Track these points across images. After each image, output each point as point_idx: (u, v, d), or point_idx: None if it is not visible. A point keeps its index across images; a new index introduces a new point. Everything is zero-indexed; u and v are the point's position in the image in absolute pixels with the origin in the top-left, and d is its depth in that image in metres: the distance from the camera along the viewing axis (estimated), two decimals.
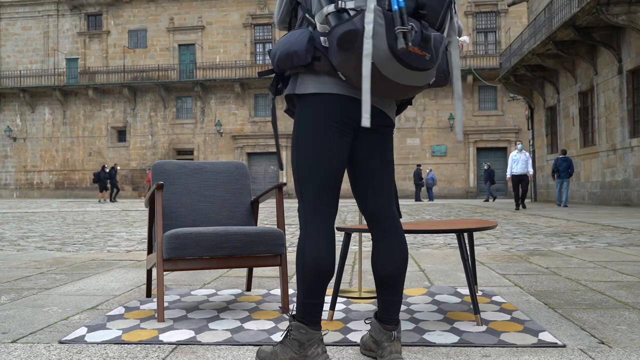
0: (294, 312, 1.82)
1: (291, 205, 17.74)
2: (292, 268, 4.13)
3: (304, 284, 1.75)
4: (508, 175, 14.71)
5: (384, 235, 1.85)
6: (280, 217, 2.79)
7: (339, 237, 5.84)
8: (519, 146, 14.93)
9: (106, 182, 25.79)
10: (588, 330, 2.25)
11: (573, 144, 18.52)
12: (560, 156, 16.17)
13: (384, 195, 1.86)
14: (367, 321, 1.97)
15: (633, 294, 3.02)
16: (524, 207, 14.62)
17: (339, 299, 2.91)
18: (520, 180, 14.56)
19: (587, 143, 17.81)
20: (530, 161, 14.75)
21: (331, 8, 1.62)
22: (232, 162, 3.23)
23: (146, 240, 4.87)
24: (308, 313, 1.76)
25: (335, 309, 2.66)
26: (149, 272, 3.00)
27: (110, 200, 25.52)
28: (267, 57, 33.13)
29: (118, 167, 28.43)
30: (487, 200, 23.62)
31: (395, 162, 30.91)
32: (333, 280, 2.59)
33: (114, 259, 4.82)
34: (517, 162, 14.52)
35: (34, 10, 35.22)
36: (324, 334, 1.79)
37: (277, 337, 2.17)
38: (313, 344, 1.74)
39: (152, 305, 2.81)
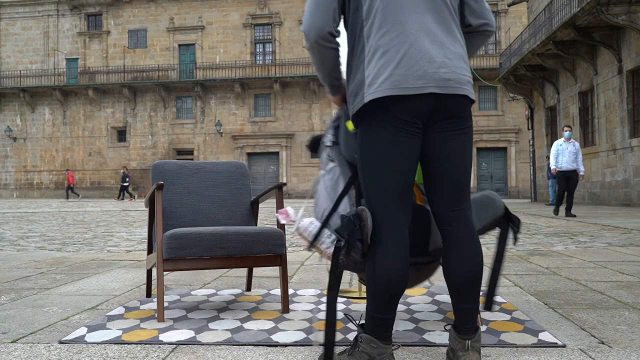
0: (362, 322, 1.75)
1: (291, 205, 17.76)
2: (292, 268, 4.13)
3: (374, 297, 1.66)
4: (552, 166, 10.91)
5: (447, 241, 1.77)
6: None
7: None
8: (567, 133, 11.06)
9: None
10: (588, 330, 2.25)
11: None
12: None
13: (447, 197, 1.76)
14: (446, 327, 1.88)
15: (633, 294, 3.02)
16: (571, 214, 10.54)
17: (339, 299, 2.91)
18: (568, 177, 10.76)
19: (587, 143, 17.81)
20: (580, 154, 10.93)
21: None
22: (232, 162, 3.23)
23: (146, 240, 4.87)
24: (378, 327, 1.68)
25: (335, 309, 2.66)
26: (149, 272, 2.99)
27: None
28: (268, 57, 33.25)
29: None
30: None
31: None
32: None
33: (114, 259, 4.82)
34: (563, 153, 10.85)
35: (34, 10, 35.22)
36: (395, 349, 1.72)
37: (277, 337, 2.17)
38: (385, 358, 1.68)
39: (152, 305, 2.81)
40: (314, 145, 2.04)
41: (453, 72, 1.66)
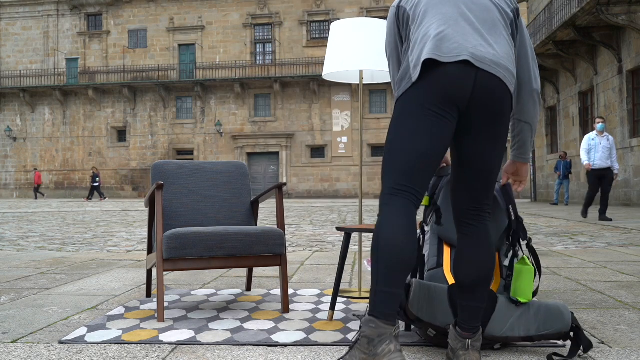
0: (365, 315, 1.73)
1: (291, 205, 17.74)
2: (292, 268, 4.13)
3: (378, 269, 1.60)
4: (585, 162, 9.36)
5: (463, 240, 1.77)
6: (280, 217, 2.79)
7: (339, 236, 5.84)
8: (599, 126, 9.60)
9: None
10: (588, 330, 2.25)
11: (573, 144, 18.52)
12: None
13: (473, 194, 1.75)
14: (447, 327, 1.88)
15: (633, 294, 3.02)
16: (606, 218, 9.22)
17: (339, 299, 2.91)
18: (601, 176, 9.31)
19: None
20: (615, 150, 9.46)
21: None
22: (232, 162, 3.23)
23: (146, 240, 4.87)
24: (380, 303, 1.58)
25: (335, 309, 2.66)
26: (149, 272, 2.99)
27: None
28: (268, 57, 33.27)
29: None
30: None
31: None
32: (333, 280, 2.59)
33: (114, 259, 4.82)
34: (596, 149, 9.37)
35: (34, 10, 35.22)
36: (396, 331, 1.58)
37: (277, 337, 2.17)
38: (384, 340, 1.54)
39: (152, 305, 2.81)
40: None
41: (492, 54, 1.63)
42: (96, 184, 27.81)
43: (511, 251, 2.06)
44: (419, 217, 2.77)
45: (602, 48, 15.81)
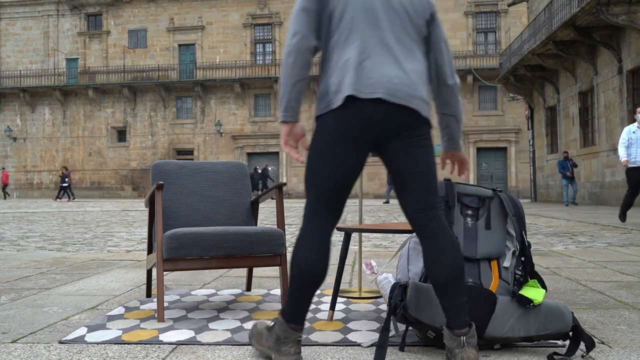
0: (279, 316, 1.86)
1: (291, 205, 17.75)
2: None
3: (292, 286, 1.78)
4: (623, 158, 8.25)
5: (426, 242, 1.82)
6: (280, 217, 2.79)
7: (339, 236, 5.84)
8: None
9: (259, 182, 26.89)
10: (588, 330, 2.25)
11: (573, 144, 18.52)
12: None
13: (417, 200, 1.83)
14: (441, 328, 1.91)
15: (633, 294, 3.02)
16: (623, 217, 8.52)
17: (339, 299, 2.91)
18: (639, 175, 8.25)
19: (587, 143, 17.81)
20: None
21: None
22: (232, 162, 3.23)
23: (146, 240, 4.87)
24: (290, 313, 1.79)
25: (335, 309, 2.66)
26: (149, 272, 2.99)
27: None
28: (268, 57, 33.23)
29: (270, 168, 29.88)
30: (387, 202, 21.56)
31: None
32: (333, 280, 2.59)
33: (114, 259, 4.82)
34: (638, 143, 8.18)
35: (34, 10, 35.22)
36: (299, 337, 1.79)
37: None
38: (288, 342, 1.77)
39: (152, 305, 2.81)
40: None
41: (405, 85, 1.73)
42: (65, 184, 27.55)
43: (521, 272, 2.09)
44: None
45: (602, 48, 15.81)
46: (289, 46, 1.79)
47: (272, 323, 1.87)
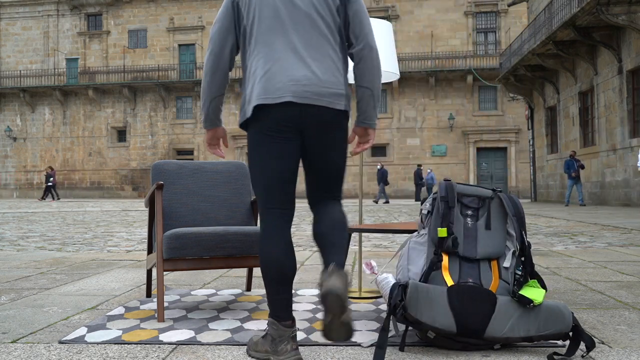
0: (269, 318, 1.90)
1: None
2: None
3: (265, 281, 1.86)
4: None
5: (318, 213, 1.96)
6: None
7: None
8: None
9: None
10: (588, 330, 2.25)
11: (573, 144, 18.52)
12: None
13: (319, 185, 1.97)
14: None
15: (633, 294, 3.02)
16: None
17: None
18: None
19: (587, 143, 17.81)
20: None
21: None
22: (232, 162, 3.23)
23: (146, 240, 4.87)
24: (273, 309, 1.84)
25: None
26: (149, 272, 3.00)
27: None
28: None
29: None
30: (376, 202, 21.54)
31: (395, 162, 30.98)
32: None
33: (114, 259, 4.82)
34: None
35: (34, 10, 35.22)
36: (293, 333, 1.82)
37: None
38: (283, 341, 1.80)
39: (152, 305, 2.81)
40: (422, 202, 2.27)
41: (314, 85, 1.81)
42: (50, 184, 27.51)
43: (521, 273, 2.09)
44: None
45: (602, 48, 15.81)
46: (205, 66, 1.93)
47: (265, 331, 1.91)
